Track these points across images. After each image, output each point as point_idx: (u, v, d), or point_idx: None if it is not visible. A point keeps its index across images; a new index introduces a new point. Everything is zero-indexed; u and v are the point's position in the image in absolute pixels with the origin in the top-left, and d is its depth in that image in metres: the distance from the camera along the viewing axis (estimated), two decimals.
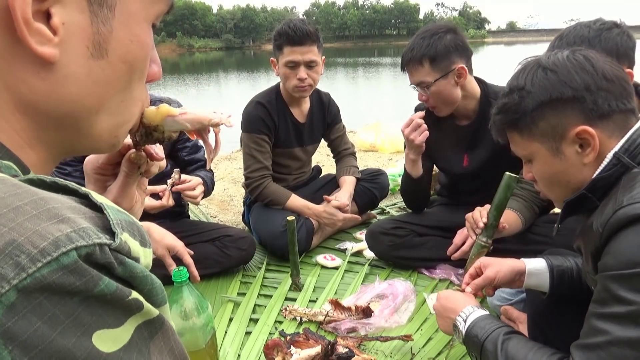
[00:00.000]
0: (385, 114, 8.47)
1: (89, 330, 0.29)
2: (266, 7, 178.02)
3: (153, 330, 0.34)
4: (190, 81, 21.10)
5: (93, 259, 0.30)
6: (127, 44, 0.42)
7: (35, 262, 0.27)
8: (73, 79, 0.40)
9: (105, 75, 0.42)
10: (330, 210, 2.25)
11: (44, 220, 0.29)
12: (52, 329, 0.27)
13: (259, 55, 72.15)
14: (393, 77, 20.72)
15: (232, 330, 1.68)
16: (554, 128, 0.96)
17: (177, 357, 0.36)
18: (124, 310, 0.31)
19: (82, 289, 0.28)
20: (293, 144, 2.36)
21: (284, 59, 2.13)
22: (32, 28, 0.36)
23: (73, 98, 0.41)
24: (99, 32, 0.40)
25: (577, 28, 1.41)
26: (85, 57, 0.40)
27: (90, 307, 0.29)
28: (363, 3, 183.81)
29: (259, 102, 2.26)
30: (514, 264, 1.27)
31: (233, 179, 3.56)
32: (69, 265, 0.28)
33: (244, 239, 2.07)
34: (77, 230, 0.29)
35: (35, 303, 0.27)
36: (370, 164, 3.72)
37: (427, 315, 1.72)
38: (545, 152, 0.99)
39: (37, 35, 0.36)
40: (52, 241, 0.28)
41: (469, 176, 1.99)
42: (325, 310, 1.71)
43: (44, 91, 0.39)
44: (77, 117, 0.42)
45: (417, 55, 1.77)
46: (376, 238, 2.07)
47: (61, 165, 1.83)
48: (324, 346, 1.38)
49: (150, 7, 0.44)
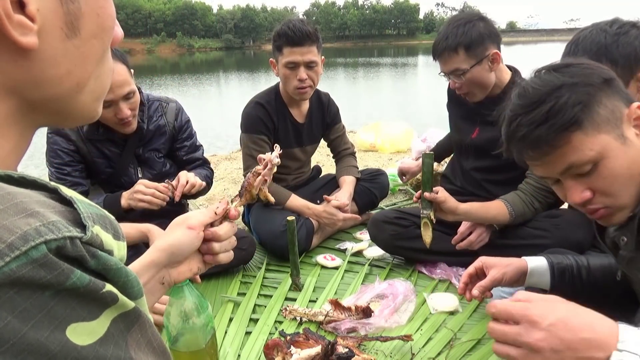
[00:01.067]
0: (385, 114, 8.47)
1: (63, 324, 0.29)
2: (266, 7, 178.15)
3: (129, 323, 0.34)
4: (191, 81, 21.10)
5: (64, 252, 0.29)
6: (95, 18, 0.42)
7: (3, 257, 0.27)
8: (51, 62, 0.40)
9: (80, 52, 0.42)
10: (330, 210, 2.25)
11: (12, 215, 0.28)
12: (23, 323, 0.27)
13: (259, 55, 72.13)
14: (393, 77, 20.71)
15: (232, 330, 1.68)
16: (612, 112, 0.89)
17: (156, 349, 0.36)
18: (98, 303, 0.31)
19: (53, 283, 0.28)
20: (292, 145, 2.36)
21: (284, 60, 2.13)
22: (13, 21, 0.35)
23: (53, 81, 0.41)
24: (69, 11, 0.40)
25: (593, 33, 1.37)
26: (61, 39, 0.40)
27: (63, 301, 0.29)
28: (363, 3, 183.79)
29: (258, 102, 2.26)
30: (519, 264, 1.24)
31: (233, 179, 3.56)
32: (38, 259, 0.28)
33: (244, 239, 2.07)
34: (46, 224, 0.29)
35: (5, 298, 0.26)
36: (370, 164, 3.72)
37: (427, 315, 1.72)
38: (615, 143, 0.89)
39: (19, 27, 0.36)
40: (20, 235, 0.28)
41: (475, 150, 2.02)
42: (325, 310, 1.71)
43: (26, 78, 0.39)
44: (58, 98, 0.42)
45: (452, 44, 1.78)
46: (379, 227, 2.07)
47: (60, 165, 1.83)
48: (324, 346, 1.38)
49: None
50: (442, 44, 1.81)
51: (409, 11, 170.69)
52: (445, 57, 1.82)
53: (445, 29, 1.82)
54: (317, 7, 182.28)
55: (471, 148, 2.04)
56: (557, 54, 1.49)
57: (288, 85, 2.18)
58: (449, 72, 1.84)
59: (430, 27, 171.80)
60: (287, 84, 2.19)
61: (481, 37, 1.77)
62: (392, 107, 10.87)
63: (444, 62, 1.84)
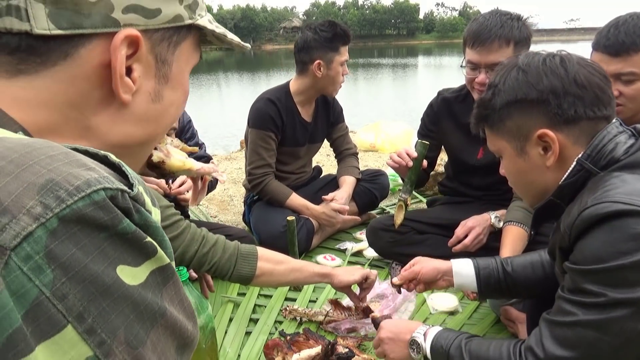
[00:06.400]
0: (386, 114, 8.48)
1: (114, 263, 0.33)
2: (266, 7, 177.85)
3: (165, 278, 0.37)
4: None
5: (116, 202, 0.33)
6: (176, 91, 0.54)
7: (72, 196, 0.31)
8: (134, 118, 0.50)
9: (158, 114, 0.53)
10: (329, 212, 2.25)
11: (75, 167, 0.33)
12: (85, 255, 0.31)
13: (259, 55, 72.17)
14: (393, 78, 20.71)
15: (232, 330, 1.68)
16: (519, 128, 0.99)
17: (186, 310, 0.39)
18: (141, 251, 0.35)
19: (108, 224, 0.32)
20: (298, 143, 2.37)
21: (342, 58, 2.20)
22: (123, 81, 0.46)
23: (129, 132, 0.51)
24: (160, 82, 0.51)
25: (634, 18, 1.37)
26: (147, 102, 0.51)
27: (114, 244, 0.33)
28: (363, 3, 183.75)
29: (270, 99, 2.26)
30: (438, 264, 1.37)
31: (233, 179, 3.56)
32: (99, 202, 0.32)
33: (244, 239, 2.06)
34: (103, 177, 0.33)
35: (71, 232, 0.31)
36: (370, 164, 3.72)
37: (427, 315, 1.72)
38: (511, 151, 1.02)
39: (125, 86, 0.47)
40: (84, 181, 0.32)
41: (482, 169, 1.97)
42: (325, 310, 1.71)
43: (108, 124, 0.49)
44: (129, 147, 0.52)
45: (507, 34, 1.66)
46: (376, 234, 2.07)
47: None
48: (324, 346, 1.38)
49: (191, 63, 0.56)
50: (496, 31, 1.66)
51: (409, 11, 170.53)
52: (494, 46, 1.67)
53: (497, 19, 1.68)
54: (317, 7, 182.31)
55: (478, 169, 1.99)
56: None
57: (337, 81, 2.23)
58: (490, 64, 1.69)
59: (430, 27, 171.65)
60: (337, 81, 2.24)
61: (528, 37, 1.72)
62: (392, 107, 10.88)
63: (489, 51, 1.68)
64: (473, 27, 1.73)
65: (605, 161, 0.92)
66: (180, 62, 0.53)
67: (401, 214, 1.78)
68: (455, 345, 1.09)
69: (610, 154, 0.92)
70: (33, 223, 0.29)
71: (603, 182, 0.89)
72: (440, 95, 2.07)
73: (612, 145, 0.92)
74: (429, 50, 18.04)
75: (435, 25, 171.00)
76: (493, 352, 1.01)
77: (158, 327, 0.35)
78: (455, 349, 1.09)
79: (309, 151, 2.48)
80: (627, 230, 0.81)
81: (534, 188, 1.04)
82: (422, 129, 2.13)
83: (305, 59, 2.20)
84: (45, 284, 0.29)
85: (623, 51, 1.37)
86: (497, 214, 1.89)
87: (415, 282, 1.40)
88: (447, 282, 1.36)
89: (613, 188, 0.86)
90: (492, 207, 1.93)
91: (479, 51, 1.70)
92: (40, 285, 0.29)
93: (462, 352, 1.06)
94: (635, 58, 1.37)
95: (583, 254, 0.87)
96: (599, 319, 0.84)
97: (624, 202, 0.82)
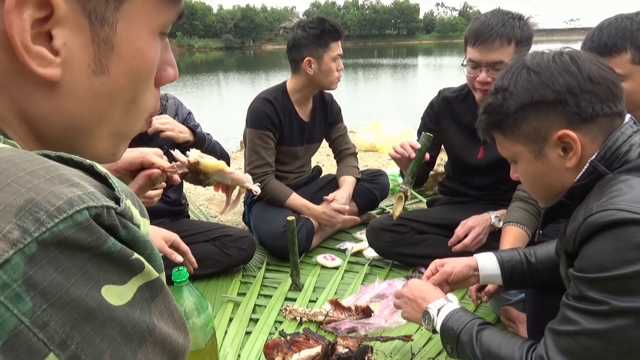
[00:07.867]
0: (386, 114, 8.48)
1: (98, 284, 0.31)
2: (266, 7, 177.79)
3: (154, 292, 0.35)
4: (191, 81, 21.10)
5: (101, 220, 0.32)
6: (129, 60, 0.43)
7: (53, 218, 0.29)
8: (75, 96, 0.41)
9: (107, 90, 0.43)
10: (329, 212, 2.25)
11: (57, 184, 0.31)
12: (66, 279, 0.29)
13: (259, 55, 72.17)
14: (393, 78, 20.73)
15: (232, 330, 1.68)
16: (536, 131, 0.96)
17: (177, 322, 0.38)
18: (128, 269, 0.33)
19: (92, 246, 0.31)
20: (296, 143, 2.37)
21: (333, 54, 2.19)
22: (32, 52, 0.37)
23: (75, 113, 0.42)
24: (100, 50, 0.41)
25: (618, 20, 1.37)
26: (87, 75, 0.41)
27: (98, 264, 0.31)
28: (363, 3, 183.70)
29: (266, 98, 2.26)
30: (468, 260, 1.34)
31: None
32: (81, 223, 0.30)
33: (244, 239, 2.07)
34: (86, 194, 0.32)
35: (52, 256, 0.29)
36: (370, 164, 3.72)
37: None
38: (528, 155, 0.99)
39: (38, 59, 0.38)
40: (66, 200, 0.30)
41: (482, 169, 1.98)
42: (325, 310, 1.71)
43: (47, 106, 0.41)
44: (78, 130, 0.44)
45: (508, 33, 1.67)
46: (377, 234, 2.07)
47: None
48: (324, 346, 1.38)
49: (156, 19, 0.44)
50: (500, 29, 1.66)
51: (409, 11, 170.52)
52: (495, 44, 1.67)
53: (498, 17, 1.68)
54: (317, 7, 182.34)
55: (478, 168, 1.99)
56: None
57: (332, 76, 2.22)
58: (491, 63, 1.70)
59: (430, 27, 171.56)
60: (331, 76, 2.22)
61: (530, 37, 1.71)
62: (392, 107, 10.88)
63: (490, 49, 1.68)
64: (475, 26, 1.73)
65: (619, 164, 0.91)
66: (131, 20, 0.42)
67: (400, 205, 1.76)
68: (466, 330, 1.09)
69: (625, 157, 0.91)
70: (10, 249, 0.28)
71: (609, 186, 0.88)
72: (441, 95, 2.07)
73: (626, 147, 0.91)
74: (429, 51, 18.04)
75: (435, 25, 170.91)
76: (505, 352, 1.01)
77: (147, 346, 0.34)
78: (466, 334, 1.08)
79: (308, 151, 2.48)
80: (631, 239, 0.81)
81: (552, 189, 1.01)
82: (422, 128, 2.13)
83: (297, 57, 2.21)
84: (24, 312, 0.27)
85: (606, 52, 1.37)
86: (497, 213, 1.89)
87: (444, 283, 1.36)
88: (476, 279, 1.34)
89: (619, 194, 0.84)
90: (492, 207, 1.93)
91: (481, 49, 1.70)
92: (19, 314, 0.27)
93: (472, 340, 1.06)
94: (618, 59, 1.37)
95: (587, 261, 0.87)
96: (602, 328, 0.83)
97: (628, 211, 0.81)
